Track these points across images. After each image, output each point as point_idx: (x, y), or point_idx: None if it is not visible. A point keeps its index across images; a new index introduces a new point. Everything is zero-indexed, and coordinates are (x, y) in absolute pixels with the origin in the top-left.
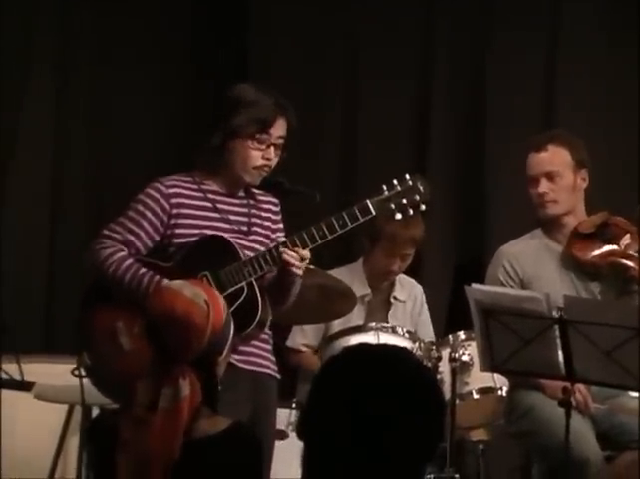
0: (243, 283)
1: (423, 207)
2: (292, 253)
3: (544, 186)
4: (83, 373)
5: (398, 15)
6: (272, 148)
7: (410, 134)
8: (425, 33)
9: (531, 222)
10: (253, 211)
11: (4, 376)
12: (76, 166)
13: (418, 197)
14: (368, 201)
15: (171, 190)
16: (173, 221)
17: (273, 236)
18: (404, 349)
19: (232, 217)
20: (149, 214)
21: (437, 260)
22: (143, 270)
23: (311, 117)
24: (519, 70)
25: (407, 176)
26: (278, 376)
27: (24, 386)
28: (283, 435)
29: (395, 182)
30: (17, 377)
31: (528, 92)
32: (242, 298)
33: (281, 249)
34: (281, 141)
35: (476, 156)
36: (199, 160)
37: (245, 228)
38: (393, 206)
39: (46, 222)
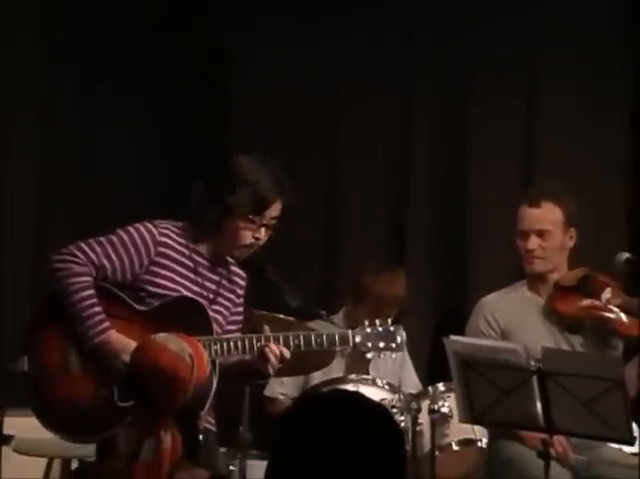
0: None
1: (394, 356)
2: (275, 350)
3: (533, 242)
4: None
5: (379, 84)
6: (263, 228)
7: (391, 183)
8: (405, 101)
9: (511, 274)
10: (223, 281)
11: None
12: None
13: (394, 345)
14: (350, 332)
15: (162, 239)
16: (153, 268)
17: (233, 310)
18: (358, 393)
19: (205, 283)
20: (132, 250)
21: (417, 312)
22: (98, 309)
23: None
24: (498, 134)
25: (389, 321)
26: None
27: (3, 439)
28: None
29: (378, 323)
30: None
31: (507, 153)
32: None
33: (265, 343)
34: (274, 222)
35: (455, 207)
36: (192, 221)
37: (212, 296)
38: (370, 344)
39: (28, 266)
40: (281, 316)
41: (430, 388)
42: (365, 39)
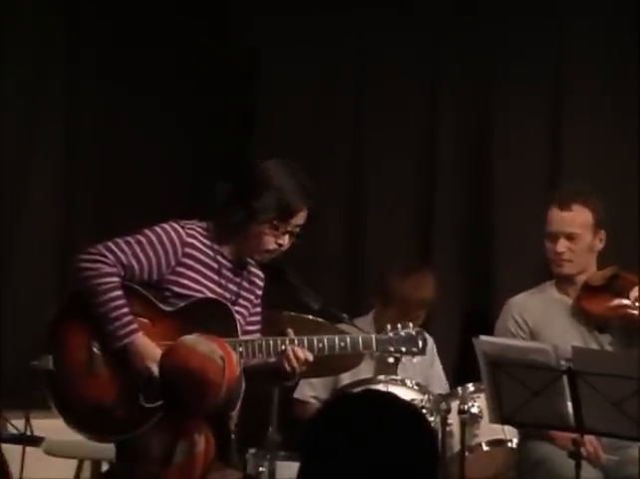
0: None
1: (415, 360)
2: (299, 353)
3: (562, 245)
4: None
5: (404, 83)
6: (287, 235)
7: (417, 183)
8: (430, 100)
9: (538, 274)
10: (244, 283)
11: (13, 431)
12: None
13: (415, 349)
14: (373, 336)
15: (189, 239)
16: (179, 269)
17: (252, 311)
18: (390, 393)
19: (228, 284)
20: (160, 251)
21: (445, 313)
22: (127, 310)
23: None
24: (524, 134)
25: (410, 325)
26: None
27: (33, 441)
28: None
29: (399, 327)
30: (26, 432)
31: (533, 153)
32: None
33: (289, 346)
34: (298, 229)
35: (481, 207)
36: (215, 222)
37: (233, 298)
38: (392, 349)
39: (53, 269)
40: (310, 317)
41: (459, 389)
42: (388, 38)
